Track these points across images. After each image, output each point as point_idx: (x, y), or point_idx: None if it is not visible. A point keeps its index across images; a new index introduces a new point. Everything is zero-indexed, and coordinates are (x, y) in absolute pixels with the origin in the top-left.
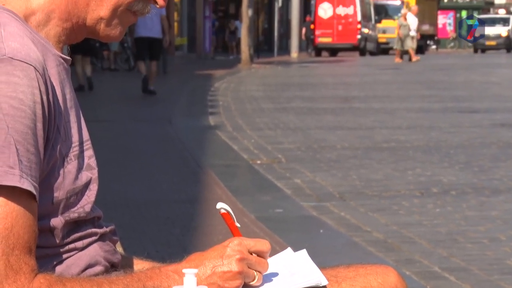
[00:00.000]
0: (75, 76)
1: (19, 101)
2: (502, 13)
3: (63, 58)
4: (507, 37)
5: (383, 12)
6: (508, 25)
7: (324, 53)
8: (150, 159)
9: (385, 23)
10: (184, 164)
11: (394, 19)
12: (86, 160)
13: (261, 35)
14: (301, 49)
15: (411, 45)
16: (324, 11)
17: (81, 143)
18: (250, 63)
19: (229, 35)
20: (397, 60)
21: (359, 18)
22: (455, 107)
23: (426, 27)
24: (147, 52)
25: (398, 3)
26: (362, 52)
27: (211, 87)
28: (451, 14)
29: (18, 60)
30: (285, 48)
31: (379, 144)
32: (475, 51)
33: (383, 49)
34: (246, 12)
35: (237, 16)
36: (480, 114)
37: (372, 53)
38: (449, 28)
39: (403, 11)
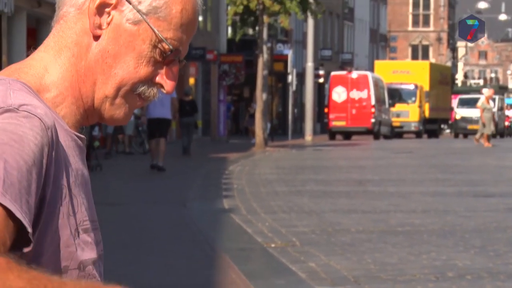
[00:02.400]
0: None
1: (19, 137)
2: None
3: (77, 136)
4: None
5: (397, 96)
6: (494, 107)
7: (338, 137)
8: (164, 242)
9: (399, 107)
10: (198, 248)
11: (407, 103)
12: (93, 238)
13: (275, 119)
14: (315, 132)
15: (491, 129)
16: (338, 94)
17: (92, 221)
18: (264, 146)
19: (249, 119)
20: (487, 144)
21: (373, 102)
22: (470, 191)
23: (440, 111)
24: (158, 132)
25: (411, 87)
26: (376, 135)
27: (225, 170)
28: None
29: (24, 111)
30: (299, 132)
31: (394, 228)
32: (456, 136)
33: (397, 133)
34: (261, 95)
35: (251, 99)
36: (495, 198)
37: (386, 137)
38: None
39: (487, 93)
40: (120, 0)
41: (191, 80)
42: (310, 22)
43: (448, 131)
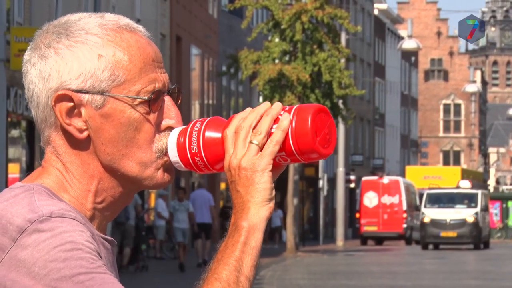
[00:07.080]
0: None
1: (70, 244)
2: (465, 186)
3: (105, 239)
4: (475, 224)
5: None
6: (476, 206)
7: (370, 242)
8: None
9: None
10: None
11: None
12: None
13: (306, 224)
14: (346, 237)
15: None
16: (370, 200)
17: None
18: (296, 252)
19: None
20: None
21: (404, 207)
22: None
23: None
24: (201, 234)
25: None
26: (408, 241)
27: (256, 276)
28: (498, 204)
29: (56, 216)
30: (330, 237)
31: None
32: (424, 246)
33: None
34: (291, 201)
35: (282, 204)
36: None
37: (418, 242)
38: (496, 218)
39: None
40: (78, 97)
41: (222, 185)
42: (341, 127)
43: None
